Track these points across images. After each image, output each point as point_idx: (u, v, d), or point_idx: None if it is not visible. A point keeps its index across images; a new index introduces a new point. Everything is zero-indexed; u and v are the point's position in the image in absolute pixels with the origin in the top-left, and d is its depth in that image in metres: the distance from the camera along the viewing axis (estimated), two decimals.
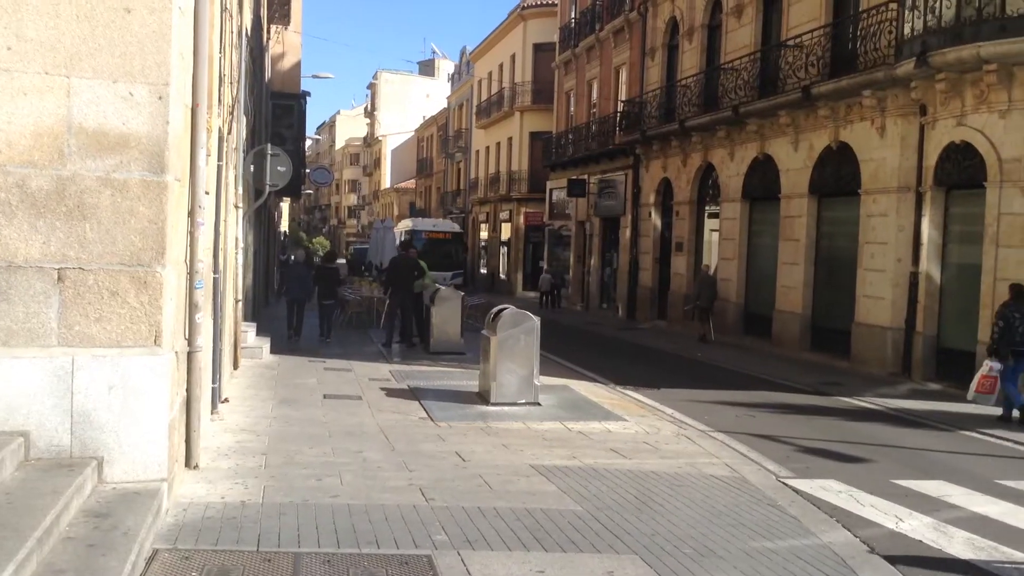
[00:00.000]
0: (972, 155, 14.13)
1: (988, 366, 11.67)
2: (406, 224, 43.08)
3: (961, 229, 14.87)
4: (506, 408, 10.81)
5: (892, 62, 15.42)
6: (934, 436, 10.80)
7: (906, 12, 15.00)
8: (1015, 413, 11.64)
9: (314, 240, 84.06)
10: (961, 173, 14.52)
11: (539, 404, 11.05)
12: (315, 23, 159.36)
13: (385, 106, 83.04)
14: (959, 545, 6.41)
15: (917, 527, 6.82)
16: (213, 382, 9.24)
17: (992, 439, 10.63)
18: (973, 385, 11.83)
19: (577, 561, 5.66)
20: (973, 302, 13.96)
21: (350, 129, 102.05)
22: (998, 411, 11.83)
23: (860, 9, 17.12)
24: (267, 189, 13.93)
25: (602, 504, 6.94)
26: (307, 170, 38.20)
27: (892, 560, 6.05)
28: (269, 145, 14.41)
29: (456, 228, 42.77)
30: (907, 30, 14.94)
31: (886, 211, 16.20)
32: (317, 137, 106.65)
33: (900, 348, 15.72)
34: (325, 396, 11.50)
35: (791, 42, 19.02)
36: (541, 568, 5.49)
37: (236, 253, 12.10)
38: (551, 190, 36.76)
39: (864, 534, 6.59)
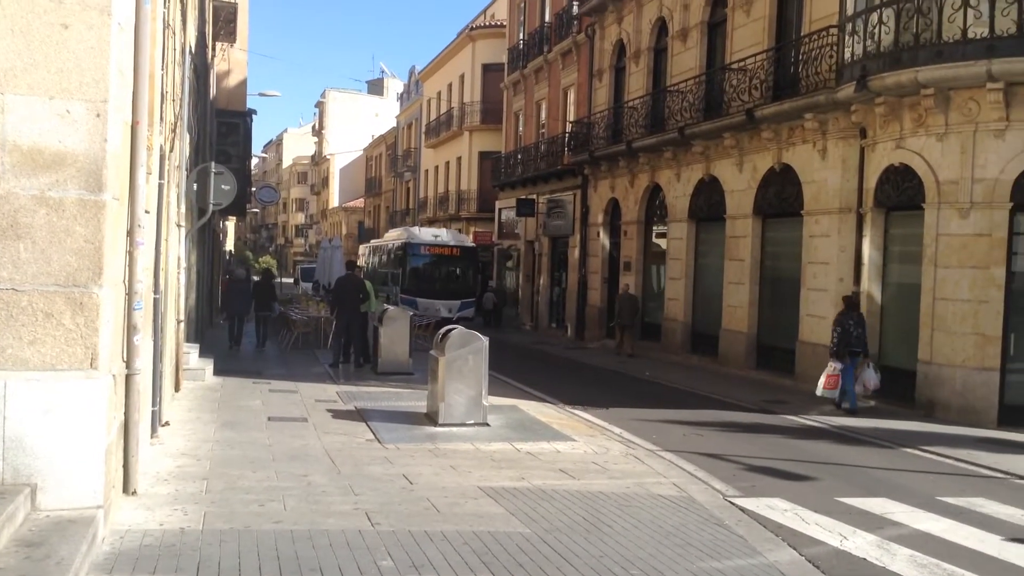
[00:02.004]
0: (911, 177, 14.45)
1: (832, 366, 13.92)
2: (396, 235, 34.37)
3: (901, 249, 15.19)
4: (454, 429, 10.73)
5: (833, 86, 15.74)
6: (876, 453, 10.96)
7: (846, 37, 15.34)
8: (847, 404, 13.94)
9: (260, 259, 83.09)
10: (900, 195, 14.84)
11: (488, 425, 10.99)
12: (262, 41, 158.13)
13: (333, 125, 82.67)
14: (902, 562, 6.49)
15: (861, 545, 6.89)
16: (153, 405, 9.01)
17: (932, 456, 10.82)
18: (821, 383, 13.99)
19: None
20: (913, 321, 14.24)
21: (297, 147, 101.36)
22: (849, 403, 13.99)
23: (802, 34, 17.47)
24: (211, 208, 13.71)
25: (551, 526, 6.89)
26: (253, 188, 37.65)
27: None
28: (213, 163, 14.18)
29: (467, 241, 32.98)
30: (847, 55, 15.27)
31: (828, 232, 16.50)
32: (263, 155, 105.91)
33: None
34: (270, 418, 11.31)
35: (735, 66, 19.34)
36: None
37: (178, 273, 11.87)
38: (500, 209, 36.83)
39: (809, 552, 6.64)
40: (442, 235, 31.91)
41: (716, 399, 15.19)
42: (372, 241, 43.15)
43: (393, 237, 34.37)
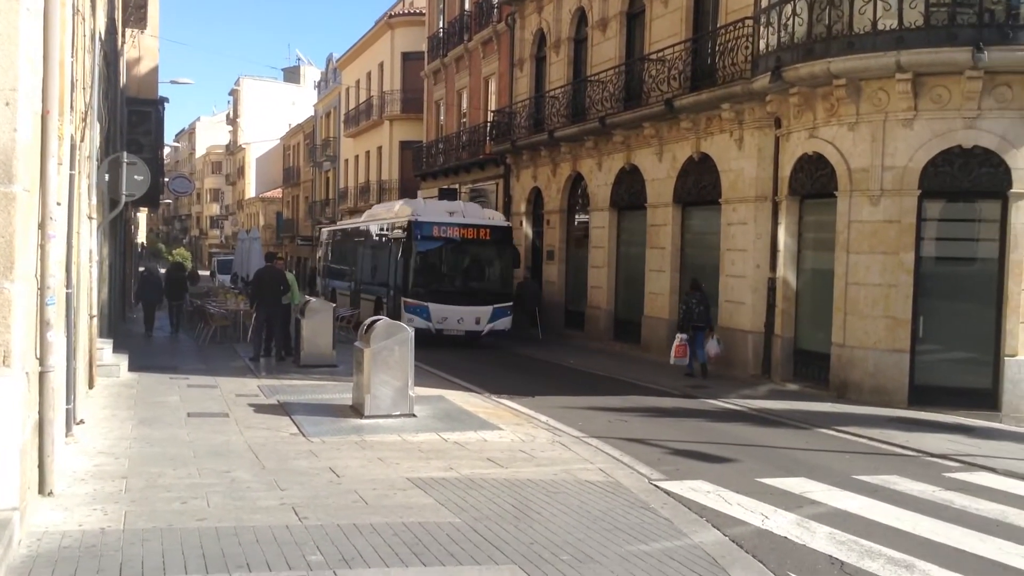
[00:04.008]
0: (824, 165, 14.86)
1: (679, 338, 16.28)
2: (389, 212, 24.23)
3: (815, 236, 15.60)
4: (381, 421, 10.66)
5: (749, 76, 16.07)
6: (794, 434, 11.28)
7: (761, 28, 15.67)
8: (697, 368, 16.31)
9: (174, 252, 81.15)
10: (814, 183, 15.24)
11: (414, 416, 10.95)
12: (173, 27, 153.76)
13: (248, 113, 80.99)
14: (822, 540, 6.70)
15: (782, 524, 7.09)
16: (67, 403, 8.73)
17: (848, 436, 11.19)
18: (672, 352, 16.31)
19: (456, 574, 5.61)
20: (827, 305, 14.66)
21: (211, 136, 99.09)
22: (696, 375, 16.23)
23: (718, 25, 17.77)
24: (123, 199, 13.29)
25: (480, 515, 6.91)
26: (166, 179, 36.55)
27: (760, 558, 6.26)
28: (125, 153, 13.73)
29: (501, 220, 22.91)
30: (762, 46, 15.60)
31: (745, 219, 16.86)
32: (176, 145, 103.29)
33: (760, 351, 16.36)
34: (189, 414, 11.06)
35: (654, 56, 19.58)
36: None
37: (90, 266, 11.50)
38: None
39: (733, 533, 6.80)
40: (460, 210, 22.41)
41: (640, 385, 15.41)
42: (340, 224, 33.42)
43: (384, 215, 24.49)
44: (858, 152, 14.12)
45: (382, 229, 23.83)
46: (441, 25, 35.32)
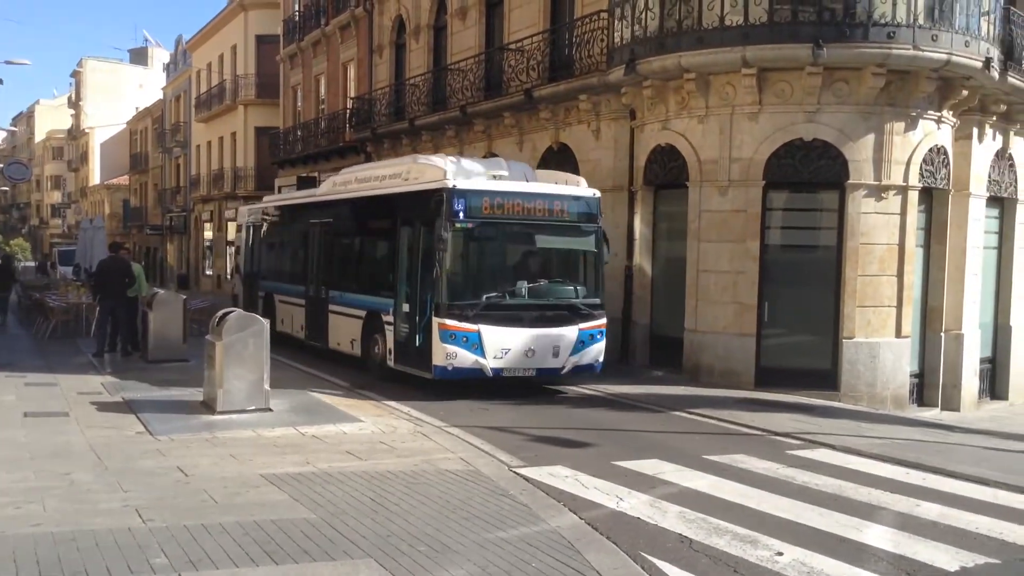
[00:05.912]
0: (676, 157, 15.30)
1: None
2: (401, 173, 14.46)
3: (668, 225, 16.06)
4: (234, 416, 10.31)
5: (605, 69, 16.36)
6: (649, 417, 11.59)
7: (616, 22, 15.96)
8: None
9: (11, 242, 76.40)
10: (667, 173, 15.67)
11: (271, 410, 10.64)
12: (8, 3, 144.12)
13: (92, 96, 76.90)
14: (672, 519, 6.91)
15: (636, 505, 7.27)
16: None
17: (699, 417, 11.59)
18: None
19: (310, 572, 5.49)
20: (680, 292, 15.14)
21: (52, 120, 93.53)
22: None
23: (575, 17, 18.01)
24: None
25: (336, 509, 6.78)
26: (0, 165, 34.30)
27: (614, 539, 6.39)
28: None
29: (584, 187, 13.86)
30: (617, 38, 15.90)
31: (603, 209, 17.13)
32: (13, 129, 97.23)
33: (619, 337, 16.71)
34: (26, 414, 10.40)
35: (513, 46, 19.67)
36: None
37: None
38: (280, 188, 35.64)
39: (589, 516, 6.92)
40: (508, 171, 13.87)
41: None
42: (283, 199, 22.34)
43: (377, 182, 15.40)
44: (707, 144, 14.61)
45: (379, 204, 14.97)
46: (297, 8, 34.46)
